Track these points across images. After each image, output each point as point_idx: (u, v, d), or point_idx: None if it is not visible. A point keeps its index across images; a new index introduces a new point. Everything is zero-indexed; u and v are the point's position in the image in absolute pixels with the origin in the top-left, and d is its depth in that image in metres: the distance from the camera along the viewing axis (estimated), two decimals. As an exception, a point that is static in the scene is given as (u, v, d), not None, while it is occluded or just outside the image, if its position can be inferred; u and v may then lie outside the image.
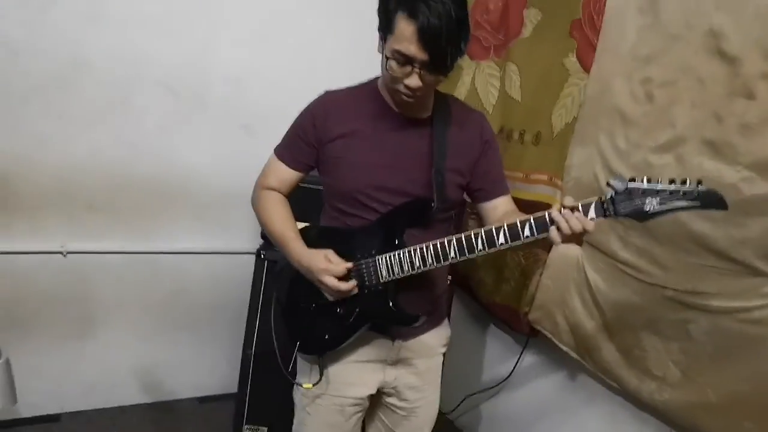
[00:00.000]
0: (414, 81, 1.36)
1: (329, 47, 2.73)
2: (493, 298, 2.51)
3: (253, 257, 2.50)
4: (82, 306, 2.50)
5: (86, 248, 2.46)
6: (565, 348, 2.15)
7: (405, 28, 1.30)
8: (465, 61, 2.80)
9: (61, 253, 2.42)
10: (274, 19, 2.64)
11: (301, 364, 1.67)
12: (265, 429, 2.52)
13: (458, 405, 2.77)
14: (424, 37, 1.29)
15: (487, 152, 1.59)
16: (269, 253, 2.40)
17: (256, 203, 1.64)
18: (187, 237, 2.67)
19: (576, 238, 1.29)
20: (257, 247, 2.48)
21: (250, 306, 2.49)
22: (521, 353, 2.44)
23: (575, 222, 1.26)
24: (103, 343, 2.56)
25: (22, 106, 2.24)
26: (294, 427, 1.74)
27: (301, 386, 1.61)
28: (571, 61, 2.16)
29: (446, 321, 1.79)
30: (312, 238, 1.55)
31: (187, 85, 2.53)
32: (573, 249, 2.13)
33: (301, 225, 1.65)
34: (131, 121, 2.45)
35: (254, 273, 2.47)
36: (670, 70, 1.76)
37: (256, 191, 1.65)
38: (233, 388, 2.66)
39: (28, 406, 2.48)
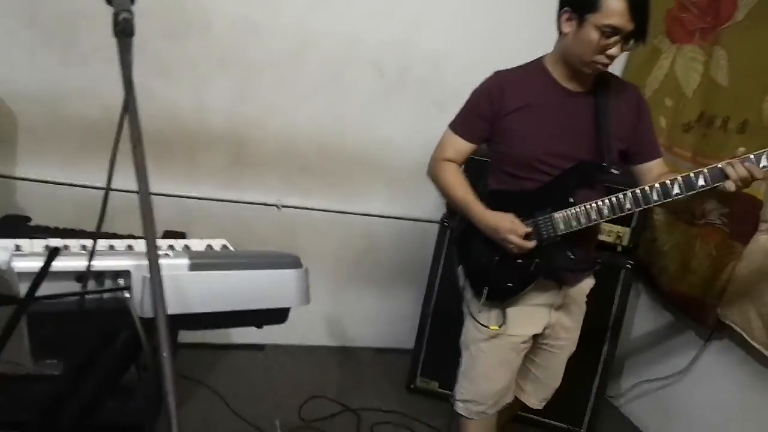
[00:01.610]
0: (617, 50, 1.59)
1: (520, 32, 2.78)
2: (677, 287, 2.47)
3: (436, 225, 2.71)
4: (289, 254, 2.88)
5: (297, 204, 2.83)
6: (757, 345, 2.09)
7: (616, 5, 1.52)
8: (664, 44, 2.73)
9: (276, 206, 2.81)
10: (471, 5, 2.78)
11: (483, 309, 1.85)
12: (436, 383, 2.74)
13: (627, 391, 2.77)
14: (635, 10, 1.53)
15: (644, 120, 1.79)
16: (451, 222, 2.58)
17: (435, 174, 1.88)
18: (380, 202, 2.95)
19: (746, 185, 1.50)
20: (441, 216, 2.68)
21: (431, 269, 2.70)
22: (703, 346, 2.39)
23: (743, 170, 1.48)
24: (302, 288, 2.92)
25: (258, 78, 2.63)
26: (464, 368, 1.93)
27: (488, 328, 1.81)
28: (792, 46, 2.05)
29: None
30: (490, 201, 1.77)
31: (391, 64, 2.78)
32: (775, 243, 2.05)
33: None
34: (342, 95, 2.75)
35: (437, 239, 2.68)
36: None
37: (434, 163, 1.88)
38: (408, 344, 2.91)
39: (240, 335, 2.93)
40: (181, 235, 2.44)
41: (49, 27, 2.37)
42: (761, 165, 1.48)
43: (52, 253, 0.68)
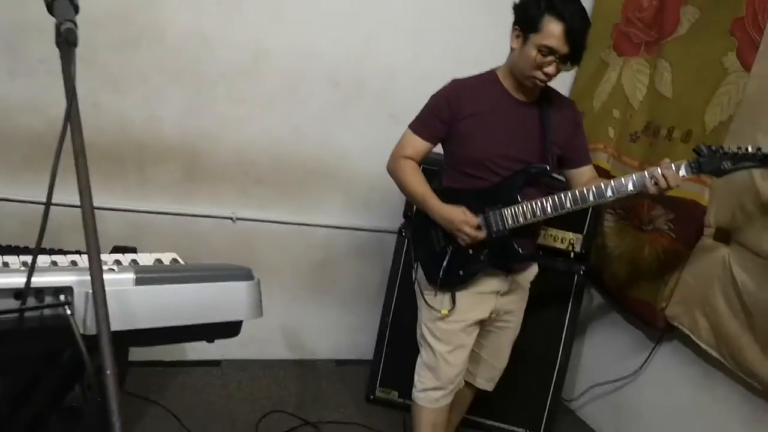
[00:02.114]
0: (552, 69, 1.76)
1: (471, 46, 2.84)
2: (627, 291, 2.54)
3: (394, 235, 2.72)
4: (245, 267, 2.84)
5: (252, 216, 2.79)
6: (704, 345, 2.15)
7: (554, 28, 1.70)
8: (611, 58, 2.82)
9: (231, 219, 2.77)
10: (425, 20, 2.82)
11: (436, 297, 2.01)
12: (396, 393, 2.73)
13: (582, 394, 2.82)
14: (570, 35, 1.70)
15: (578, 130, 2.01)
16: (408, 232, 2.59)
17: (394, 170, 2.01)
18: (337, 213, 2.94)
19: (667, 189, 1.70)
20: (398, 226, 2.69)
21: (389, 279, 2.71)
22: (653, 348, 2.46)
23: (669, 177, 1.68)
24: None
25: (211, 90, 2.59)
26: (424, 360, 2.07)
27: (440, 312, 1.98)
28: (730, 59, 2.15)
29: None
30: (444, 197, 1.93)
31: (346, 77, 2.78)
32: (719, 247, 2.12)
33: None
34: (298, 107, 2.74)
35: (395, 249, 2.68)
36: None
37: (394, 160, 2.01)
38: (367, 355, 2.90)
39: (195, 351, 2.87)
40: (131, 250, 2.36)
41: (-8, 37, 2.30)
42: (680, 173, 1.71)
43: (-16, 269, 0.65)
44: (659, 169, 1.70)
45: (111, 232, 2.50)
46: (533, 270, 2.11)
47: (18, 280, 0.90)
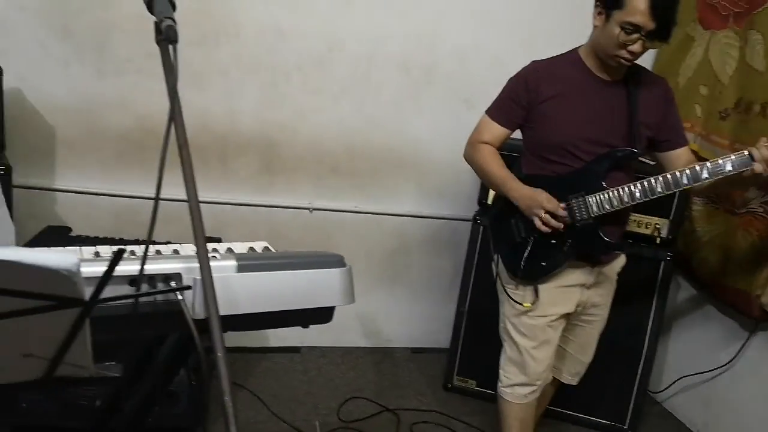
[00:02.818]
0: (638, 47, 1.66)
1: (544, 24, 2.77)
2: (718, 278, 2.42)
3: (468, 223, 2.69)
4: (322, 256, 2.89)
5: (328, 206, 2.84)
6: (805, 334, 2.03)
7: (638, 3, 1.60)
8: (697, 32, 2.68)
9: (308, 209, 2.82)
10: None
11: (518, 291, 1.94)
12: (474, 382, 2.72)
13: (669, 386, 2.72)
14: (656, 10, 1.59)
15: (671, 109, 1.88)
16: (483, 219, 2.56)
17: (471, 154, 1.95)
18: (411, 201, 2.94)
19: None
20: (473, 214, 2.66)
21: (465, 267, 2.69)
22: (748, 338, 2.33)
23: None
24: (336, 290, 2.93)
25: (286, 82, 2.65)
26: (509, 355, 2.01)
27: (522, 305, 1.90)
28: (833, 27, 1.99)
29: None
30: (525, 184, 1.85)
31: (417, 62, 2.77)
32: (823, 230, 1.99)
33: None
34: (370, 96, 2.75)
35: (470, 237, 2.66)
36: None
37: (471, 147, 1.95)
38: (443, 343, 2.91)
39: (277, 338, 2.95)
40: (217, 241, 2.46)
41: (82, 39, 2.41)
42: None
43: (117, 255, 0.69)
44: (761, 145, 1.59)
45: (196, 224, 2.60)
46: (621, 260, 1.99)
47: (132, 268, 0.95)
